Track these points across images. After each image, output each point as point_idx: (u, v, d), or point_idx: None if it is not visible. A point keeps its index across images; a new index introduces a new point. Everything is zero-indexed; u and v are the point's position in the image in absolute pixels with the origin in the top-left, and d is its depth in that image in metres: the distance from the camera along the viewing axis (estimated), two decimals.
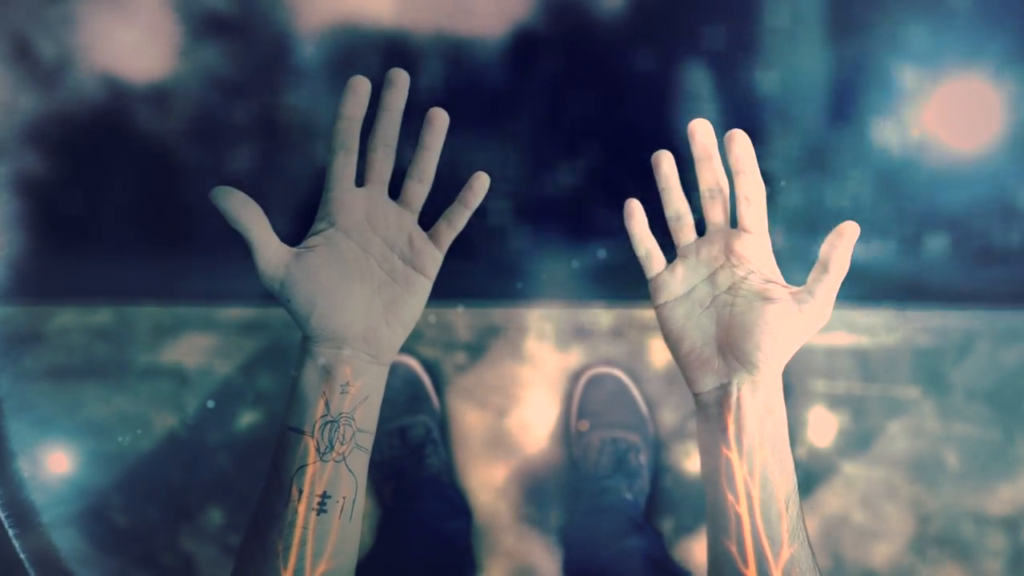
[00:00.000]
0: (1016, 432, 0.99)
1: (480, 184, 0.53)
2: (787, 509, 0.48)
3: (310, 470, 0.49)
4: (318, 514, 0.49)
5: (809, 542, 0.49)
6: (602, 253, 0.96)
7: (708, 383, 0.51)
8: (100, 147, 0.95)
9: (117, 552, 1.02)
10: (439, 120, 0.51)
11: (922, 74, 0.89)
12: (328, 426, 0.49)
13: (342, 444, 0.49)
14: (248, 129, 0.92)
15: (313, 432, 0.49)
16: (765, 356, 0.49)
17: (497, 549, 1.00)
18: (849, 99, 0.91)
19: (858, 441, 1.01)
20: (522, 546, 1.00)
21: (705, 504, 0.51)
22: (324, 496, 0.49)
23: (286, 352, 1.03)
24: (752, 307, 0.50)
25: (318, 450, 0.49)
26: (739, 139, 0.49)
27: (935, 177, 0.93)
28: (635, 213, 0.53)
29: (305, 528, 0.48)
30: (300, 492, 0.48)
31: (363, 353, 0.51)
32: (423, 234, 0.53)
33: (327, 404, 0.50)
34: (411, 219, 0.53)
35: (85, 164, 0.96)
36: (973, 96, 0.90)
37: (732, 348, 0.50)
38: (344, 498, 0.49)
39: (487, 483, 1.01)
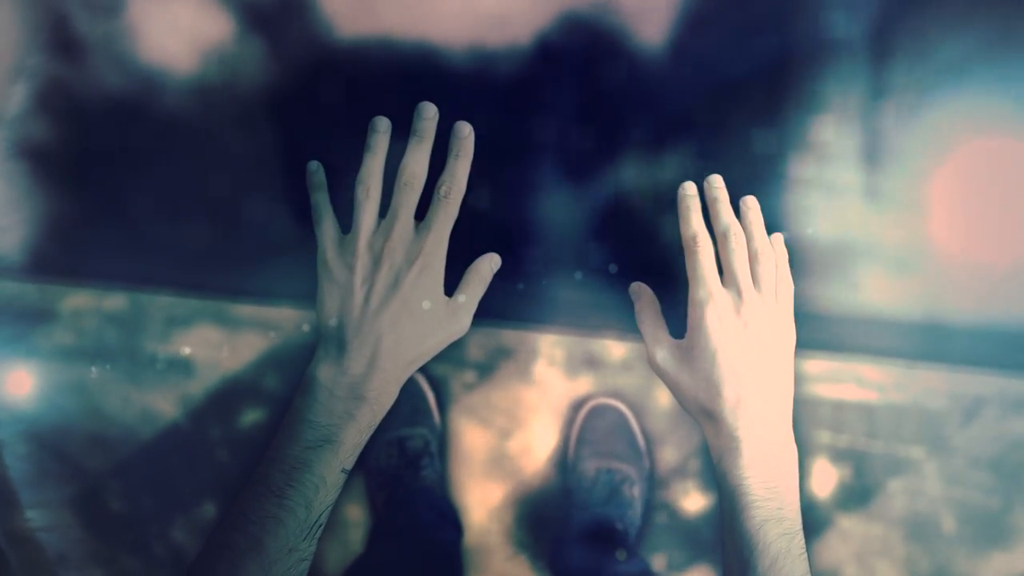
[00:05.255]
0: (1016, 502, 0.99)
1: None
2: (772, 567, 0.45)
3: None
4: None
5: None
6: (613, 268, 0.95)
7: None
8: (128, 129, 0.95)
9: (108, 537, 1.01)
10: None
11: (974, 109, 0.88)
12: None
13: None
14: (279, 123, 0.93)
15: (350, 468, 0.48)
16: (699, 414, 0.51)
17: (486, 569, 1.00)
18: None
19: (857, 496, 1.00)
20: (511, 569, 1.00)
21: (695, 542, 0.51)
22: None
23: (295, 352, 1.03)
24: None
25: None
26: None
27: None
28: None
29: (308, 560, 0.46)
30: (321, 527, 0.46)
31: None
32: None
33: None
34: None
35: (111, 145, 0.96)
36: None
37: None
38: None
39: (482, 503, 1.01)
